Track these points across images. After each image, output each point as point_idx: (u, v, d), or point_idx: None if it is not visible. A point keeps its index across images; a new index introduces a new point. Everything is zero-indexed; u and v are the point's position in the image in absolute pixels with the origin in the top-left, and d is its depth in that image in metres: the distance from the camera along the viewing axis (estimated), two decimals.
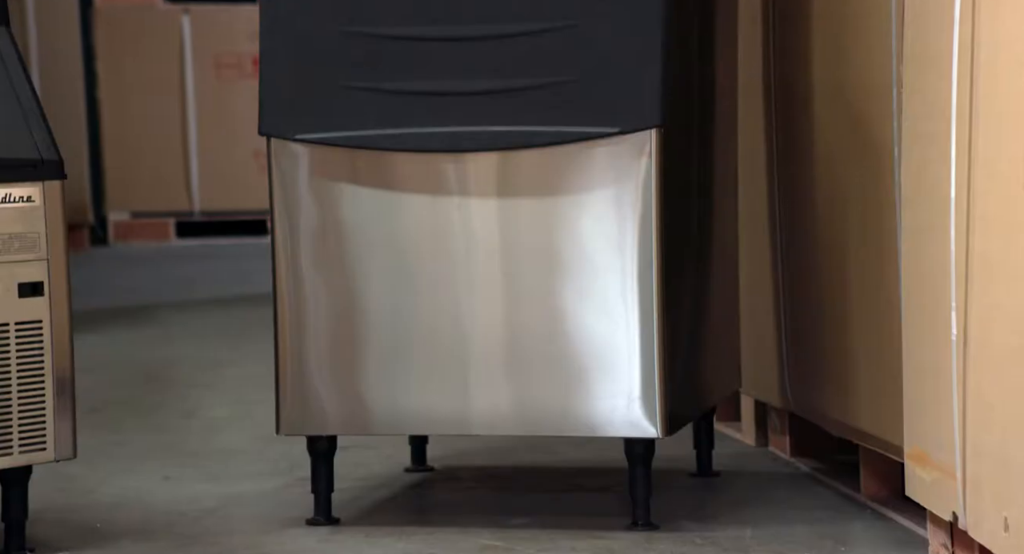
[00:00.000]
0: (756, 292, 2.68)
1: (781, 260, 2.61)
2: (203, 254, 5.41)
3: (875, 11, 2.27)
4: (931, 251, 1.94)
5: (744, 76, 2.63)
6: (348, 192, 2.27)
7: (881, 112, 2.26)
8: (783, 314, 2.60)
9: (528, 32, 2.20)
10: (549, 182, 2.21)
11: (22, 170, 2.12)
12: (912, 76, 1.99)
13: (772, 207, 2.62)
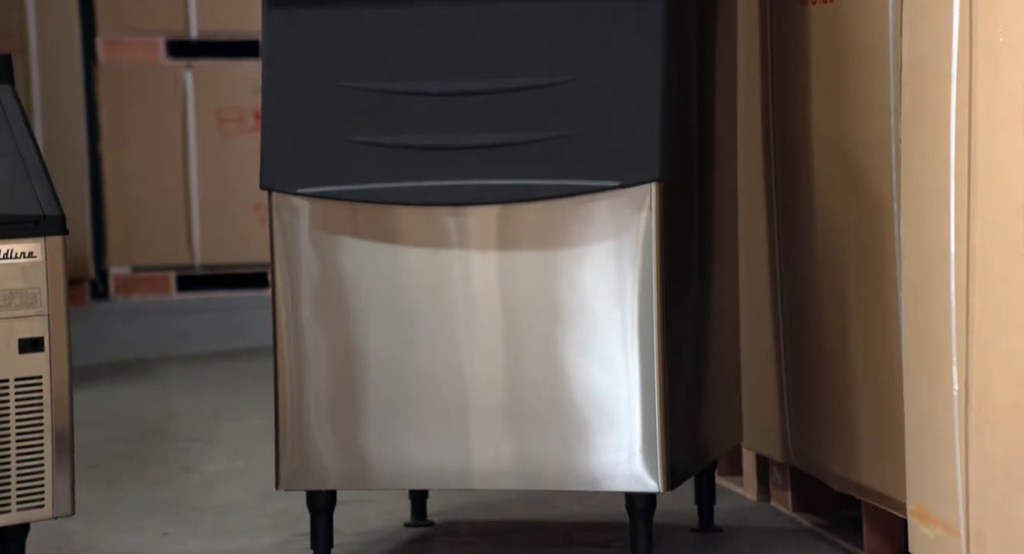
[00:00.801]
0: (757, 345, 2.67)
1: (782, 313, 2.61)
2: (204, 307, 5.42)
3: (873, 65, 2.28)
4: (932, 305, 1.94)
5: (743, 128, 2.64)
6: (349, 245, 2.27)
7: (880, 165, 2.26)
8: (784, 367, 2.60)
9: (528, 87, 2.21)
10: (549, 235, 2.21)
11: (24, 226, 2.13)
12: (910, 130, 1.99)
13: (772, 260, 2.62)
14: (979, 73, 1.81)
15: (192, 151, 5.42)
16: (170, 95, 5.41)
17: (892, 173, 2.21)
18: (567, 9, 2.21)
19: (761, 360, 2.66)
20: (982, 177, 1.82)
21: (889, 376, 2.21)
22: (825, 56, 2.45)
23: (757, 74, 2.65)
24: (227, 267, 5.57)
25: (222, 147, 5.41)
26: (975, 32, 1.80)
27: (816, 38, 2.47)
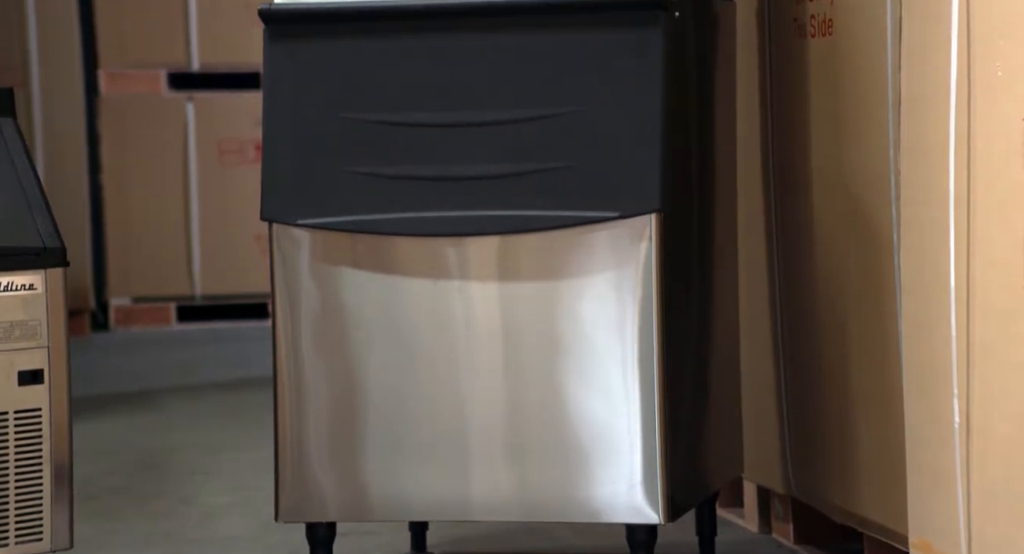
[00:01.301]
0: (757, 376, 2.67)
1: (782, 344, 2.61)
2: (204, 338, 5.41)
3: (872, 98, 2.29)
4: (932, 338, 1.94)
5: (743, 159, 2.64)
6: (349, 276, 2.27)
7: (880, 198, 2.26)
8: (785, 398, 2.59)
9: (528, 118, 2.22)
10: (549, 266, 2.21)
11: (25, 258, 2.13)
12: (910, 164, 2.00)
13: (772, 291, 2.62)
14: (977, 107, 1.81)
15: (193, 182, 5.43)
16: (171, 127, 5.43)
17: (892, 206, 2.22)
18: (567, 41, 2.21)
19: (762, 391, 2.66)
20: (982, 210, 1.82)
21: (890, 408, 2.21)
22: (824, 89, 2.45)
23: (756, 106, 2.65)
24: (227, 298, 5.58)
25: (223, 178, 5.42)
26: (973, 66, 1.81)
27: (815, 71, 2.48)
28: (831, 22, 2.42)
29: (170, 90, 5.43)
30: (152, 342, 5.37)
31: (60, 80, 5.27)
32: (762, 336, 2.66)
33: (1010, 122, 1.75)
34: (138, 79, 5.44)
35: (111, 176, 5.59)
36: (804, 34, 2.50)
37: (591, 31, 2.20)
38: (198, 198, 5.46)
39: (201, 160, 5.45)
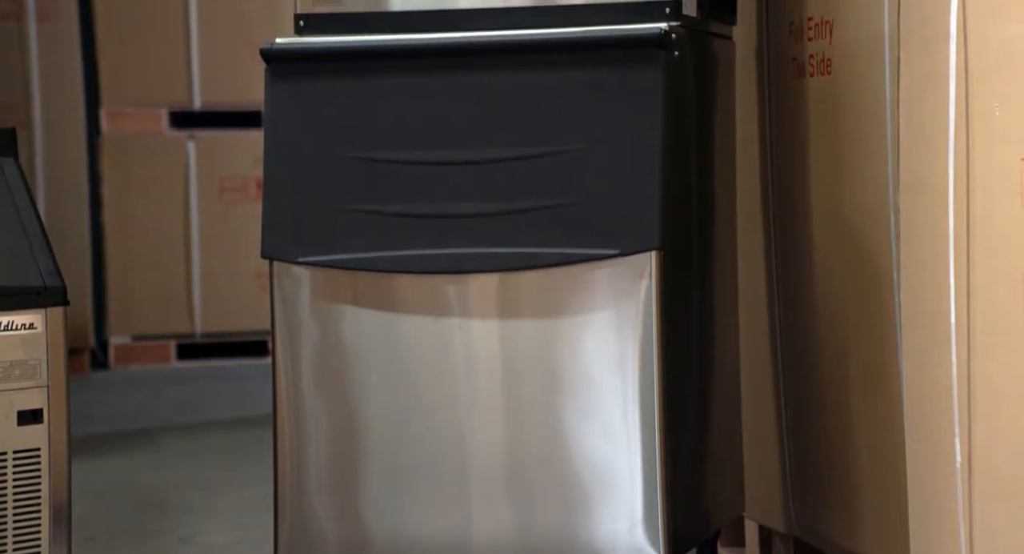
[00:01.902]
0: (758, 413, 2.67)
1: (783, 382, 2.60)
2: (204, 376, 5.41)
3: (871, 137, 2.29)
4: (933, 376, 1.94)
5: (742, 197, 2.65)
6: (349, 314, 2.27)
7: (880, 235, 2.26)
8: (786, 436, 2.59)
9: (528, 156, 2.22)
10: (550, 303, 2.21)
11: (25, 298, 2.13)
12: (909, 202, 2.00)
13: (773, 328, 2.62)
14: (976, 146, 1.82)
15: (194, 220, 5.44)
16: (172, 165, 5.44)
17: (891, 243, 2.22)
18: (567, 79, 2.22)
19: (763, 428, 2.66)
20: (981, 249, 1.82)
21: (892, 446, 2.21)
22: (823, 127, 2.46)
23: (756, 144, 2.66)
24: (227, 335, 5.57)
25: (223, 216, 5.43)
26: (971, 106, 1.81)
27: (814, 109, 2.48)
28: (830, 61, 2.43)
29: (171, 129, 5.44)
30: (152, 380, 5.36)
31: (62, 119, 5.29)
32: (763, 373, 2.66)
33: (1009, 162, 1.75)
34: (140, 118, 5.45)
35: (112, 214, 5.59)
36: (803, 73, 2.50)
37: (591, 69, 2.21)
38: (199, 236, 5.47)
39: (202, 198, 5.46)
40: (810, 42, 2.48)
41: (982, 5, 1.76)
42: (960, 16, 1.80)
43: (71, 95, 5.32)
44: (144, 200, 5.52)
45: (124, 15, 5.25)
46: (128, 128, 5.47)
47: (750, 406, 2.67)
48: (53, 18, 5.08)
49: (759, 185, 2.66)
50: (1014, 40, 1.71)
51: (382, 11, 2.30)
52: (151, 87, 5.44)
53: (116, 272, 5.59)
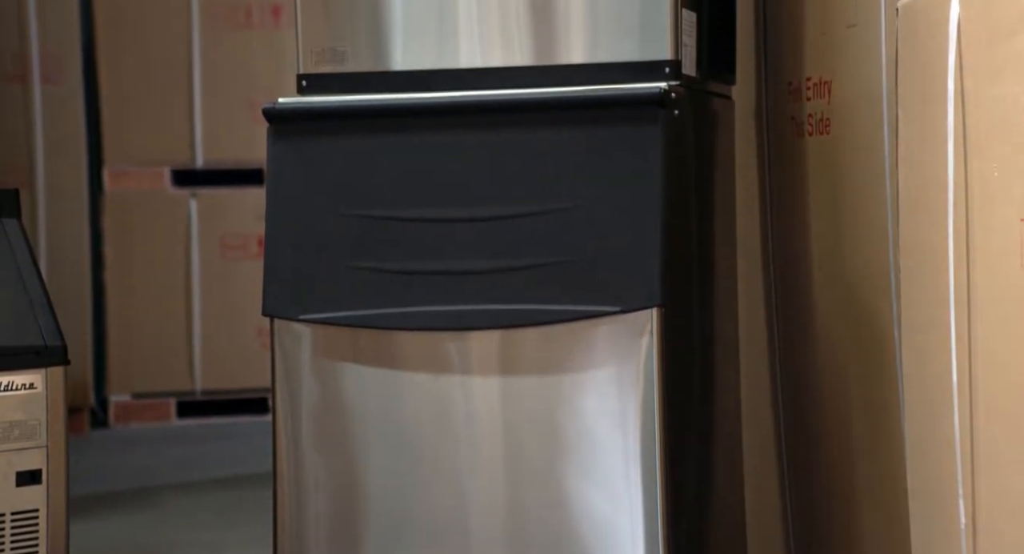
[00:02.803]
0: (760, 472, 2.66)
1: (784, 440, 2.60)
2: (203, 434, 5.39)
3: (870, 196, 2.30)
4: (936, 437, 1.93)
5: (742, 254, 2.66)
6: (350, 371, 2.28)
7: (880, 295, 2.27)
8: (788, 495, 2.58)
9: (529, 213, 2.23)
10: (551, 360, 2.22)
11: (26, 358, 2.14)
12: (909, 263, 2.00)
13: (774, 385, 2.62)
14: (975, 207, 1.82)
15: (195, 277, 5.44)
16: (174, 223, 5.45)
17: (892, 303, 2.22)
18: (567, 137, 2.24)
19: (765, 487, 2.65)
20: (982, 310, 1.82)
21: (895, 505, 2.20)
22: (822, 186, 2.47)
23: (756, 202, 2.67)
24: (228, 392, 5.56)
25: (225, 273, 5.43)
26: (970, 166, 1.82)
27: (813, 168, 2.49)
28: (828, 121, 2.44)
29: (174, 187, 5.46)
30: (151, 439, 5.35)
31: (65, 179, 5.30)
32: (764, 431, 2.65)
33: (1008, 222, 1.75)
34: (142, 176, 5.47)
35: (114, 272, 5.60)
36: (802, 133, 2.52)
37: (592, 128, 2.22)
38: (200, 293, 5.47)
39: (203, 255, 5.46)
40: (809, 102, 2.49)
41: (979, 66, 1.77)
42: (957, 77, 1.81)
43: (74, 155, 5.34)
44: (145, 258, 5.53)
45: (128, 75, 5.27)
46: (131, 187, 5.49)
47: (752, 464, 2.67)
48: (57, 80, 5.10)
49: (759, 243, 2.67)
50: (1011, 101, 1.72)
51: (384, 71, 2.32)
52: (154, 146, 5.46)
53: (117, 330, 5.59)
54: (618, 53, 2.26)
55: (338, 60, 2.33)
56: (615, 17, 2.26)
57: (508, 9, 2.28)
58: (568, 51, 2.28)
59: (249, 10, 5.18)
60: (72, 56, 5.15)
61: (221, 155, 5.48)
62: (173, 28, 5.13)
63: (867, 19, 2.32)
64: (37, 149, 5.27)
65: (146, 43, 5.19)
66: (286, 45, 4.97)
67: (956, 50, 1.81)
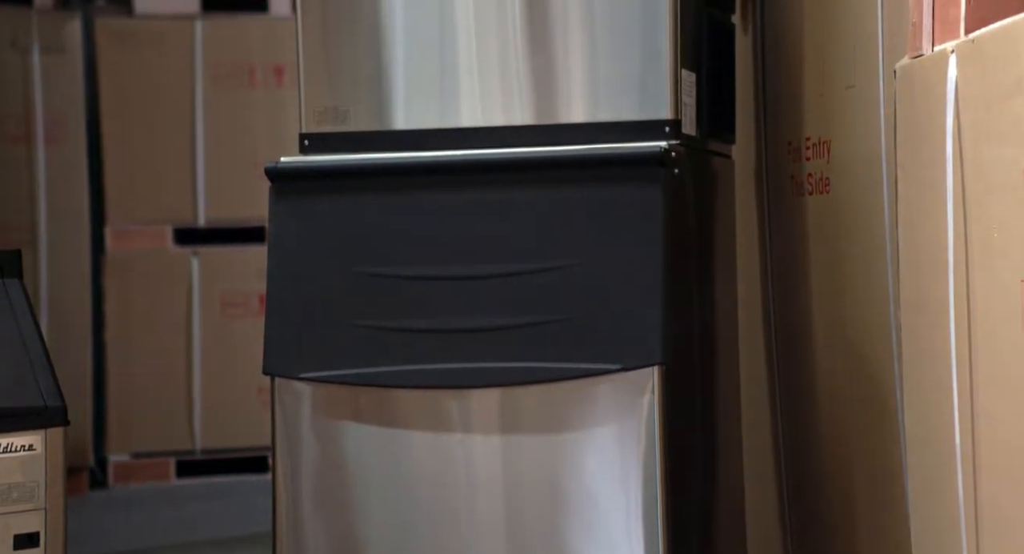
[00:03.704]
0: (762, 532, 2.65)
1: (787, 500, 2.59)
2: (203, 493, 5.37)
3: (871, 255, 2.30)
4: (939, 498, 1.92)
5: (743, 311, 2.66)
6: (350, 429, 2.27)
7: (882, 353, 2.27)
8: (790, 552, 2.57)
9: (530, 271, 2.24)
10: (552, 418, 2.21)
11: (25, 419, 2.13)
12: (910, 323, 2.00)
13: (776, 443, 2.61)
14: (975, 267, 1.82)
15: (196, 336, 5.44)
16: (176, 281, 5.45)
17: (893, 361, 2.22)
18: (567, 195, 2.24)
19: (768, 544, 2.63)
20: (984, 371, 1.81)
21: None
22: (823, 245, 2.47)
23: (756, 260, 2.67)
24: (228, 451, 5.54)
25: (225, 331, 5.43)
26: (970, 227, 1.82)
27: (813, 227, 2.50)
28: (828, 180, 2.45)
29: (176, 245, 5.47)
30: (151, 499, 5.32)
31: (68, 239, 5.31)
32: (766, 490, 2.65)
33: (1009, 284, 1.75)
34: (144, 235, 5.48)
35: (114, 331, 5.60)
36: (802, 192, 2.52)
37: (593, 187, 2.23)
38: (200, 351, 5.47)
39: (204, 313, 5.46)
40: (808, 161, 2.50)
41: (977, 128, 1.77)
42: (956, 139, 1.82)
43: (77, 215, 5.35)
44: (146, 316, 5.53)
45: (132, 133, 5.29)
46: (132, 246, 5.50)
47: (754, 523, 2.65)
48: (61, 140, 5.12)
49: (760, 301, 2.67)
50: (1010, 163, 1.72)
51: (385, 130, 2.33)
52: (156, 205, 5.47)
53: (117, 389, 5.58)
54: (618, 112, 2.27)
55: (340, 119, 2.34)
56: (615, 77, 2.27)
57: (509, 69, 2.29)
58: (569, 110, 2.29)
59: (252, 70, 5.20)
60: (76, 116, 5.17)
61: (223, 213, 5.50)
62: (177, 87, 5.15)
63: (865, 80, 2.33)
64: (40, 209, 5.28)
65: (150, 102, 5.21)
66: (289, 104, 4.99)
67: (954, 112, 1.82)
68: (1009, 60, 1.68)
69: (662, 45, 2.26)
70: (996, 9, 1.81)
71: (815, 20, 2.49)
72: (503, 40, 2.29)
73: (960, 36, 1.83)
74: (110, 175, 5.58)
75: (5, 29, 4.79)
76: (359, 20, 2.33)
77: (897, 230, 2.02)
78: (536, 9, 2.28)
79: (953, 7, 1.84)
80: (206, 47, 5.19)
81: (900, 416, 2.18)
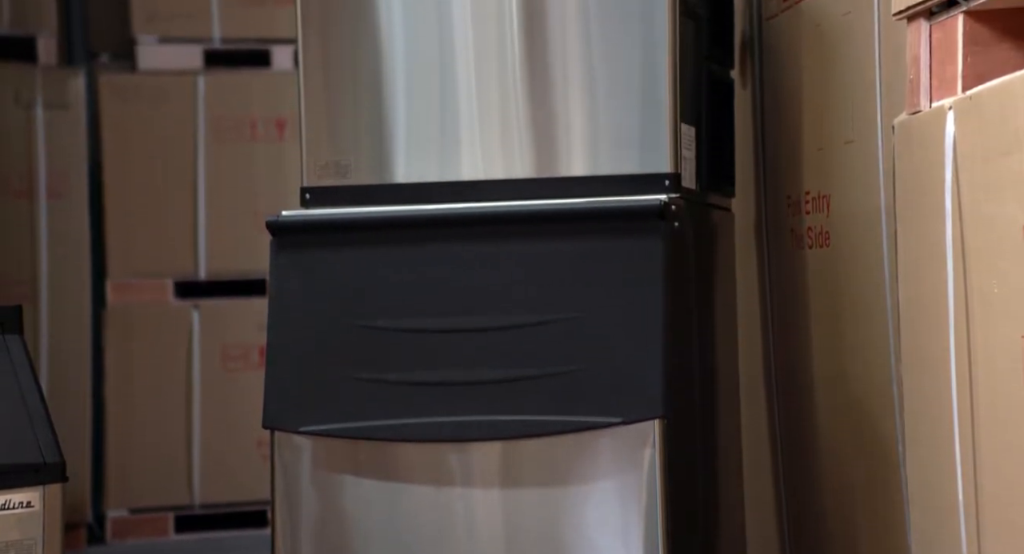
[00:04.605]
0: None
1: (790, 549, 2.58)
2: (202, 549, 5.33)
3: (871, 308, 2.30)
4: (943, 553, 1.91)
5: (744, 365, 2.65)
6: (350, 483, 2.26)
7: (883, 406, 2.26)
8: None
9: (530, 324, 2.24)
10: (553, 471, 2.20)
11: (24, 475, 2.13)
12: (911, 377, 2.00)
13: (778, 497, 2.60)
14: (976, 322, 1.81)
15: (196, 389, 5.42)
16: (176, 334, 5.44)
17: (895, 415, 2.21)
18: (568, 248, 2.25)
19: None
20: (986, 425, 1.81)
21: None
22: (823, 298, 2.48)
23: (757, 312, 2.67)
24: (227, 506, 5.52)
25: (226, 384, 5.42)
26: (970, 281, 1.82)
27: (814, 280, 2.50)
28: (828, 234, 2.45)
29: (176, 298, 5.46)
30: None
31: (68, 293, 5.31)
32: (768, 544, 2.63)
33: (1010, 338, 1.74)
34: (145, 288, 5.48)
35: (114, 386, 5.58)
36: (802, 245, 2.53)
37: (593, 240, 2.23)
38: (200, 404, 5.45)
39: (204, 366, 5.45)
40: (808, 215, 2.51)
41: (976, 184, 1.78)
42: (954, 194, 1.82)
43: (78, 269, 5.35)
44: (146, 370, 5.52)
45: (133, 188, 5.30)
46: (133, 299, 5.50)
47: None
48: (63, 194, 5.13)
49: (761, 354, 2.67)
50: (1009, 219, 1.72)
51: (385, 184, 2.34)
52: (158, 258, 5.47)
53: (115, 444, 5.56)
54: (618, 165, 2.28)
55: (341, 173, 2.35)
56: (615, 130, 2.28)
57: (510, 122, 2.30)
58: (569, 163, 2.30)
59: (254, 124, 5.22)
60: (78, 169, 5.18)
61: (224, 266, 5.50)
62: (179, 141, 5.17)
63: (864, 135, 2.34)
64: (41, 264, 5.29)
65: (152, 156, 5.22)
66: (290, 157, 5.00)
67: (953, 168, 1.82)
68: (1006, 117, 1.68)
69: (662, 99, 2.27)
70: (992, 66, 1.82)
71: (813, 75, 2.50)
72: (504, 94, 2.30)
73: (957, 93, 1.84)
74: (111, 228, 5.59)
75: (9, 85, 4.81)
76: (360, 75, 2.34)
77: (897, 284, 2.02)
78: (537, 63, 2.29)
79: (950, 64, 1.85)
80: (208, 102, 5.21)
81: (903, 470, 2.18)
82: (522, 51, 2.30)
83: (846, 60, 2.39)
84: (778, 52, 2.61)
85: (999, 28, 1.82)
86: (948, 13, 1.85)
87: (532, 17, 2.29)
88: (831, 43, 2.43)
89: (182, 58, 5.13)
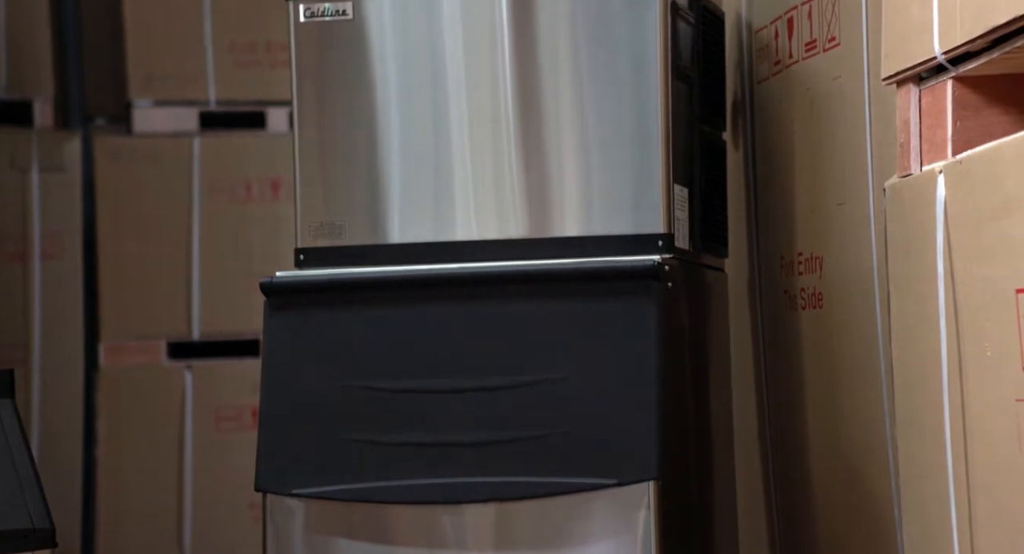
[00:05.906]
0: None
1: None
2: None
3: (865, 370, 2.30)
4: None
5: (739, 426, 2.65)
6: (343, 547, 2.25)
7: (878, 469, 2.25)
8: None
9: (524, 384, 2.23)
10: (547, 533, 2.19)
11: (13, 541, 2.11)
12: (906, 441, 1.99)
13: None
14: (970, 386, 1.81)
15: (188, 451, 5.40)
16: (169, 396, 5.42)
17: (891, 478, 2.21)
18: (562, 309, 2.25)
19: None
20: (981, 488, 1.80)
21: None
22: (817, 359, 2.47)
23: (751, 374, 2.67)
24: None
25: (218, 446, 5.39)
26: (963, 345, 1.81)
27: (807, 341, 2.50)
28: (821, 295, 2.45)
29: (169, 359, 5.45)
30: None
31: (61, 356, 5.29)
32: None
33: (1004, 402, 1.74)
34: (138, 350, 5.47)
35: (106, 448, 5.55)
36: (795, 306, 2.53)
37: (587, 300, 2.24)
38: (192, 466, 5.43)
39: (197, 427, 5.43)
40: (801, 276, 2.51)
41: (967, 247, 1.78)
42: (946, 257, 1.82)
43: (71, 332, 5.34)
44: (138, 432, 5.50)
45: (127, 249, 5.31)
46: (126, 361, 5.48)
47: None
48: (56, 256, 5.13)
49: (755, 415, 2.66)
50: (1001, 283, 1.72)
51: (379, 244, 2.34)
52: (151, 319, 5.47)
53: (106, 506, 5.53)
54: (612, 226, 2.29)
55: (336, 234, 2.35)
56: (608, 191, 2.28)
57: (503, 184, 2.31)
58: (563, 224, 2.30)
59: (249, 185, 5.23)
60: (72, 232, 5.19)
61: (217, 327, 5.49)
62: (174, 203, 5.18)
63: (855, 197, 2.35)
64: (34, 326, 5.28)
65: (146, 217, 5.23)
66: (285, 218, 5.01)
67: (944, 231, 1.82)
68: (996, 181, 1.69)
69: (655, 160, 2.28)
70: (981, 131, 1.83)
71: (805, 138, 2.51)
72: (497, 155, 2.31)
73: (948, 157, 1.84)
74: (105, 290, 5.59)
75: (5, 149, 4.82)
76: (355, 137, 2.35)
77: (891, 346, 2.02)
78: (531, 125, 2.31)
79: (940, 128, 1.86)
80: (203, 163, 5.23)
81: (899, 532, 2.17)
82: (516, 113, 2.31)
83: (837, 123, 2.40)
84: (770, 115, 2.62)
85: (987, 94, 1.83)
86: (937, 78, 1.86)
87: (526, 80, 2.31)
88: (822, 106, 2.44)
89: (178, 120, 5.15)
